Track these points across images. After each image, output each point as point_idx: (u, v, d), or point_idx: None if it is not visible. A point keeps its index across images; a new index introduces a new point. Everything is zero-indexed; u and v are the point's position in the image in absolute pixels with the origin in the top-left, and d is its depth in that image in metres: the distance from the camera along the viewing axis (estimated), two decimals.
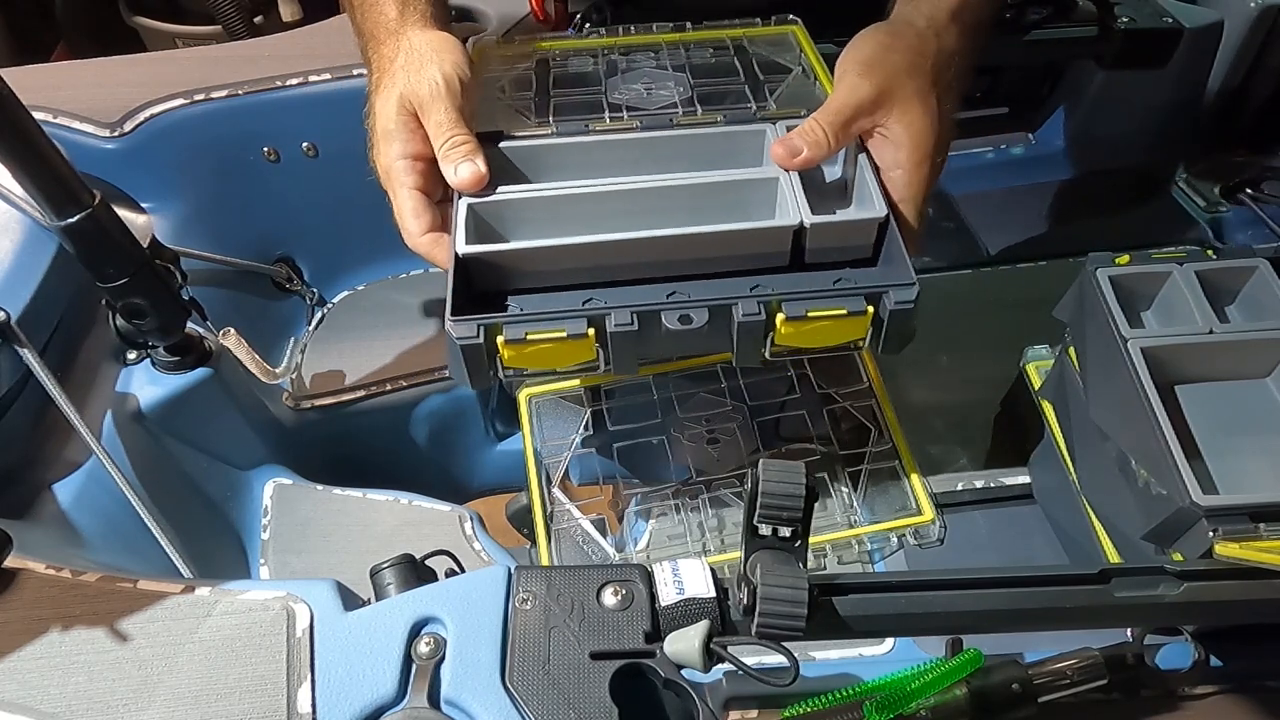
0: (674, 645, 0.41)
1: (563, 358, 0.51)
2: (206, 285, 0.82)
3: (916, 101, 0.56)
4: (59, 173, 0.57)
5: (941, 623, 0.45)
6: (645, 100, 0.65)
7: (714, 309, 0.51)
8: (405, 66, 0.57)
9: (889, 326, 0.51)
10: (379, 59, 0.60)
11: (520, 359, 0.50)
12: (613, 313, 0.50)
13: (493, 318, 0.50)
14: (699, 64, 0.70)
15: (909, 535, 0.66)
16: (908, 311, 0.51)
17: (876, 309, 0.51)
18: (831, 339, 0.52)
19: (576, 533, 0.69)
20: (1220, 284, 0.61)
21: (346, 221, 0.92)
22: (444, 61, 0.57)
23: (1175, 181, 1.02)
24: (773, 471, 0.40)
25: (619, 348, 0.51)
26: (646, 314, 0.51)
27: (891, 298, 0.51)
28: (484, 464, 0.93)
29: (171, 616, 0.45)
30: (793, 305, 0.51)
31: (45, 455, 0.65)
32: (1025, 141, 1.05)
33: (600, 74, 0.69)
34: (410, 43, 0.58)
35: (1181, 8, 0.93)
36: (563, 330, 0.50)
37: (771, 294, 0.52)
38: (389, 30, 0.60)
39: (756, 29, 0.73)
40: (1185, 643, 0.51)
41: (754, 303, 0.51)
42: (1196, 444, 0.56)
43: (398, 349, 0.88)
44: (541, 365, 0.51)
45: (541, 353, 0.50)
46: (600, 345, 0.51)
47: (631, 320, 0.50)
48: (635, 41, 0.73)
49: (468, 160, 0.55)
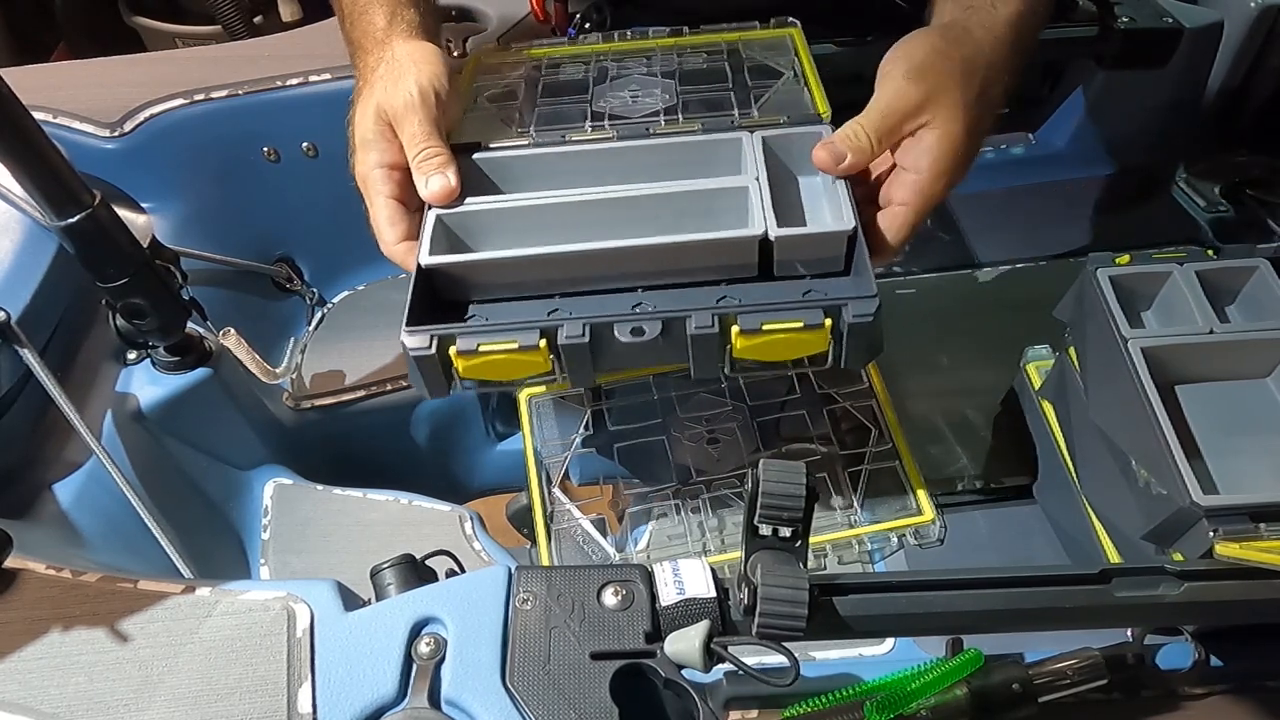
0: (674, 645, 0.41)
1: (517, 369, 0.50)
2: (206, 285, 0.82)
3: (960, 113, 0.54)
4: (59, 173, 0.57)
5: (941, 623, 0.45)
6: (630, 108, 0.65)
7: (668, 321, 0.50)
8: (384, 76, 0.57)
9: (849, 340, 0.50)
10: (364, 68, 0.60)
11: (474, 370, 0.50)
12: (564, 324, 0.50)
13: (446, 328, 0.51)
14: (690, 69, 0.69)
15: (909, 535, 0.66)
16: (868, 325, 0.49)
17: (836, 322, 0.50)
18: (791, 353, 0.51)
19: (577, 533, 0.69)
20: (1220, 284, 0.61)
21: (346, 221, 0.91)
22: (421, 73, 0.57)
23: (1175, 181, 1.02)
24: (773, 471, 0.40)
25: (572, 360, 0.51)
26: (599, 326, 0.50)
27: (850, 311, 0.49)
28: (484, 464, 0.93)
29: (172, 617, 0.45)
30: (748, 319, 0.50)
31: (45, 455, 0.65)
32: (1025, 141, 1.05)
33: (589, 81, 0.68)
34: (393, 53, 0.58)
35: (1181, 8, 0.93)
36: (514, 342, 0.49)
37: (727, 307, 0.51)
38: (375, 40, 0.60)
39: (754, 32, 0.73)
40: (1185, 643, 0.51)
41: (708, 315, 0.50)
42: (1196, 444, 0.56)
43: (398, 349, 0.87)
44: (497, 376, 0.51)
45: (495, 364, 0.50)
46: (554, 356, 0.51)
47: (583, 333, 0.50)
48: (631, 47, 0.73)
49: (439, 173, 0.55)
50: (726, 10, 0.76)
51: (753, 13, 0.75)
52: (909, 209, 0.54)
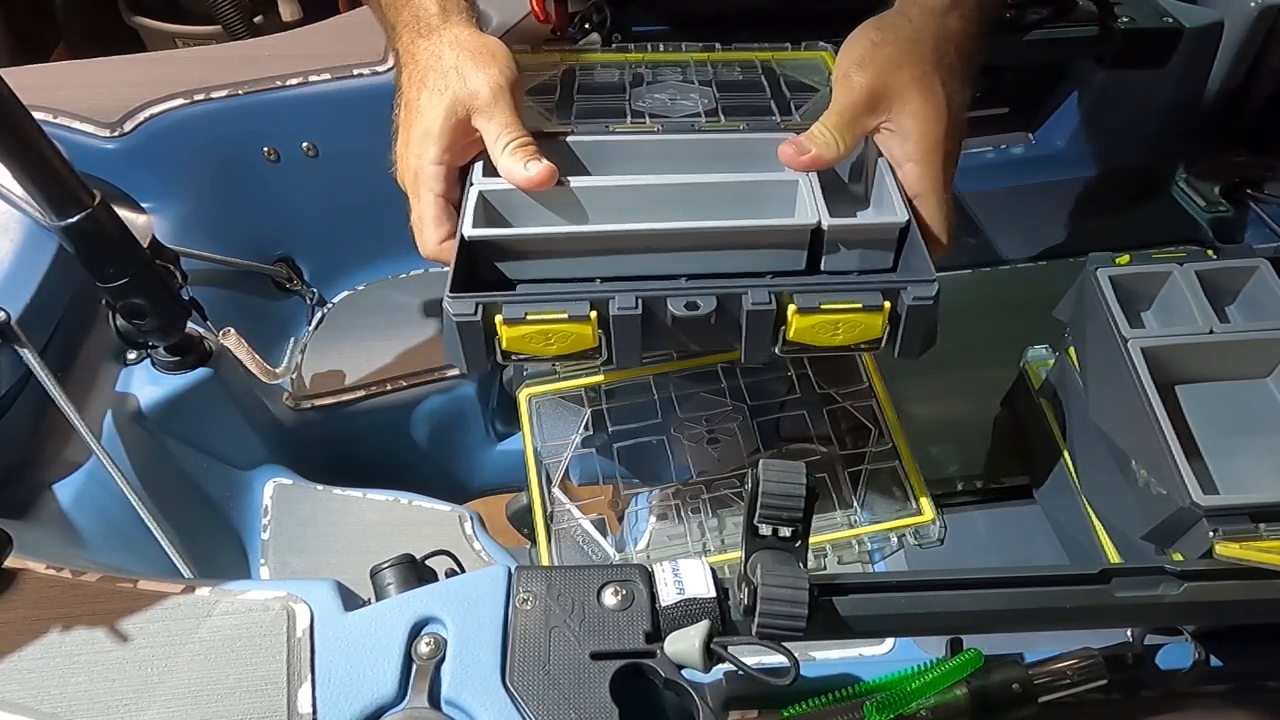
0: (674, 645, 0.41)
1: (563, 343, 0.49)
2: (206, 285, 0.82)
3: (915, 89, 0.54)
4: (59, 173, 0.57)
5: (941, 623, 0.45)
6: (669, 109, 0.65)
7: (723, 297, 0.49)
8: (458, 67, 0.55)
9: (907, 324, 0.50)
10: (419, 53, 0.57)
11: (519, 342, 0.49)
12: (616, 296, 0.49)
13: (492, 296, 0.49)
14: (725, 80, 0.69)
15: (909, 535, 0.66)
16: (927, 309, 0.49)
17: (894, 305, 0.49)
18: (846, 337, 0.50)
19: (576, 533, 0.69)
20: (1220, 284, 0.61)
21: (346, 221, 0.92)
22: (501, 65, 0.56)
23: (1175, 181, 1.02)
24: (773, 471, 0.40)
25: (621, 334, 0.49)
26: (652, 299, 0.49)
27: (910, 293, 0.49)
28: (484, 464, 0.93)
29: (172, 617, 0.45)
30: (805, 298, 0.49)
31: (45, 455, 0.65)
32: (1025, 141, 1.05)
33: (625, 83, 0.68)
34: (459, 40, 0.57)
35: (1181, 8, 0.93)
36: (564, 311, 0.48)
37: (784, 284, 0.50)
38: (430, 25, 0.58)
39: (786, 53, 0.73)
40: (1185, 643, 0.51)
41: (764, 292, 0.49)
42: (1196, 444, 0.56)
43: (398, 349, 0.88)
44: (540, 351, 0.49)
45: (540, 335, 0.48)
46: (602, 331, 0.49)
47: (635, 304, 0.49)
48: (664, 59, 0.73)
49: (536, 159, 0.55)
50: (727, 11, 0.76)
51: (754, 13, 0.75)
52: (927, 193, 0.55)
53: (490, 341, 0.50)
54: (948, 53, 0.56)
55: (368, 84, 0.83)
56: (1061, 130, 1.03)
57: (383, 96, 0.82)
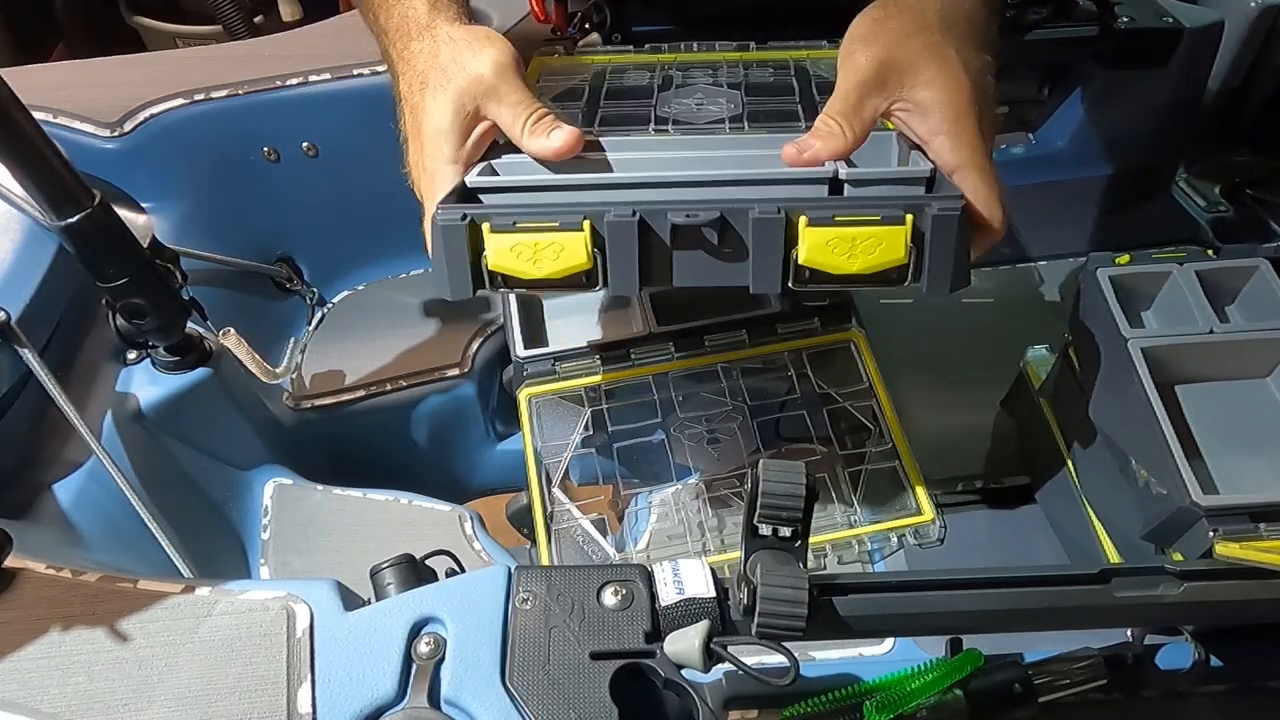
0: (674, 645, 0.41)
1: (553, 262, 0.46)
2: (206, 285, 0.82)
3: (928, 59, 0.51)
4: (59, 173, 0.57)
5: (941, 623, 0.45)
6: (694, 115, 0.63)
7: (728, 210, 0.45)
8: (455, 59, 0.54)
9: (932, 245, 0.45)
10: (411, 55, 0.56)
11: (506, 257, 0.46)
12: (612, 208, 0.45)
13: (481, 207, 0.47)
14: (756, 82, 0.67)
15: (909, 535, 0.66)
16: (952, 222, 0.45)
17: (917, 221, 0.45)
18: (865, 262, 0.45)
19: (576, 533, 0.69)
20: (1220, 284, 0.61)
21: (346, 221, 0.92)
22: (497, 45, 0.54)
23: (1175, 181, 1.02)
24: (773, 471, 0.40)
25: (616, 248, 0.46)
26: (650, 212, 0.46)
27: (934, 207, 0.45)
28: (484, 464, 0.93)
29: (171, 616, 0.45)
30: (818, 211, 0.45)
31: (45, 455, 0.65)
32: (1025, 141, 1.05)
33: (653, 88, 0.67)
34: (451, 36, 0.55)
35: (1181, 8, 0.93)
36: (555, 222, 0.45)
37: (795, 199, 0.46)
38: (420, 25, 0.56)
39: (821, 51, 0.71)
40: (1185, 643, 0.51)
41: (773, 205, 0.45)
42: (1196, 444, 0.56)
43: (398, 349, 0.88)
44: (529, 272, 0.46)
45: (529, 250, 0.45)
46: (596, 250, 0.46)
47: (632, 214, 0.45)
48: (697, 59, 0.71)
49: (558, 127, 0.53)
50: (728, 9, 0.76)
51: (755, 8, 0.75)
52: (965, 165, 0.50)
53: (477, 261, 0.47)
54: (957, 20, 0.53)
55: (368, 84, 0.83)
56: (1061, 130, 1.02)
57: (383, 96, 0.82)
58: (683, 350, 0.76)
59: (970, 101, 0.51)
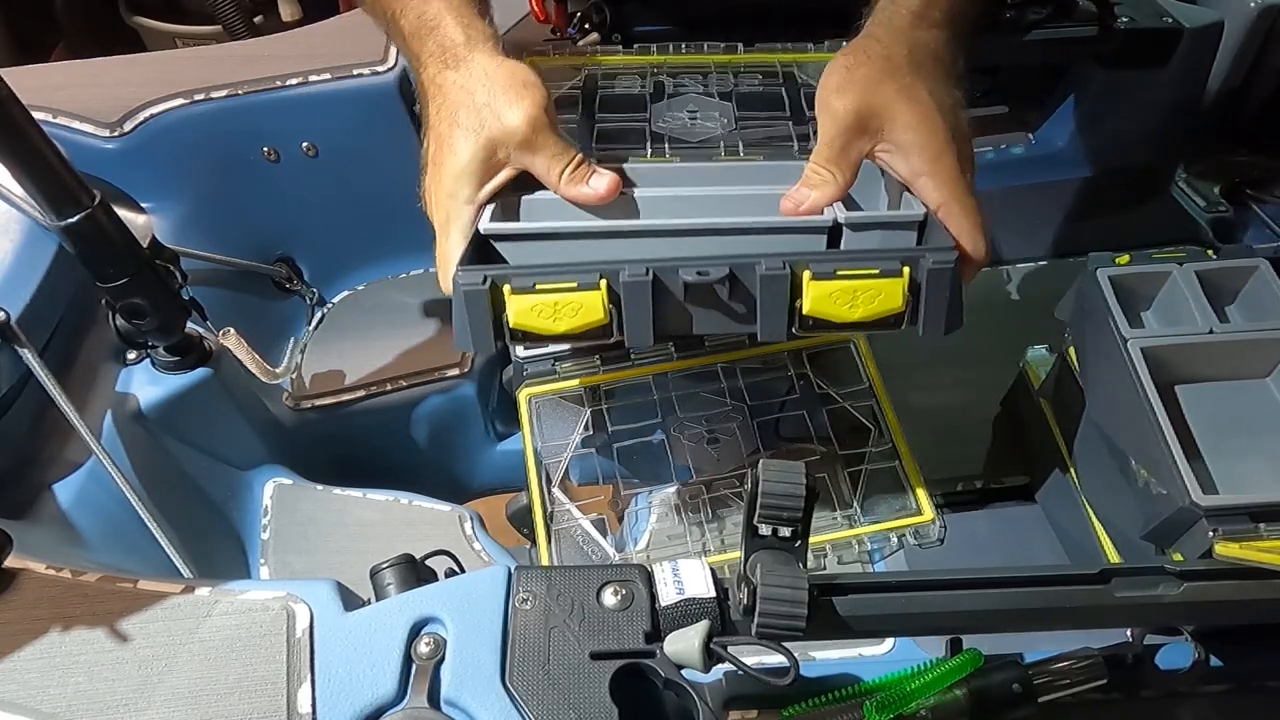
0: (674, 645, 0.41)
1: (571, 318, 0.48)
2: (206, 285, 0.82)
3: (901, 102, 0.53)
4: (59, 173, 0.57)
5: (941, 623, 0.45)
6: (689, 131, 0.65)
7: (735, 267, 0.48)
8: (490, 104, 0.54)
9: (928, 293, 0.48)
10: (448, 86, 0.56)
11: (526, 315, 0.48)
12: (626, 267, 0.48)
13: (501, 268, 0.49)
14: (746, 92, 0.69)
15: (909, 535, 0.66)
16: (947, 273, 0.48)
17: (913, 273, 0.48)
18: (866, 310, 0.48)
19: (576, 533, 0.69)
20: (1220, 284, 0.61)
21: (346, 221, 0.92)
22: (534, 95, 0.55)
23: (1175, 181, 1.02)
24: (773, 471, 0.40)
25: (631, 305, 0.48)
26: (662, 269, 0.48)
27: (929, 259, 0.48)
28: (484, 464, 0.93)
29: (171, 617, 0.45)
30: (821, 265, 0.48)
31: (45, 455, 0.65)
32: (1025, 141, 1.05)
33: (646, 99, 0.68)
34: (488, 73, 0.55)
35: (1181, 8, 0.93)
36: (573, 281, 0.47)
37: (799, 253, 0.49)
38: (457, 56, 0.56)
39: (808, 54, 0.72)
40: (1185, 643, 0.51)
41: (779, 260, 0.48)
42: (1196, 444, 0.56)
43: (398, 349, 0.88)
44: (549, 328, 0.48)
45: (549, 309, 0.48)
46: (612, 305, 0.48)
47: (646, 273, 0.48)
48: (686, 61, 0.73)
49: (598, 174, 0.55)
50: (727, 9, 0.76)
51: (754, 9, 0.75)
52: (948, 202, 0.53)
53: (498, 318, 0.49)
54: (925, 61, 0.55)
55: (368, 84, 0.83)
56: (1061, 130, 1.03)
57: (382, 96, 0.83)
58: (683, 350, 0.76)
59: (947, 141, 0.53)
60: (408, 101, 0.84)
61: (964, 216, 0.52)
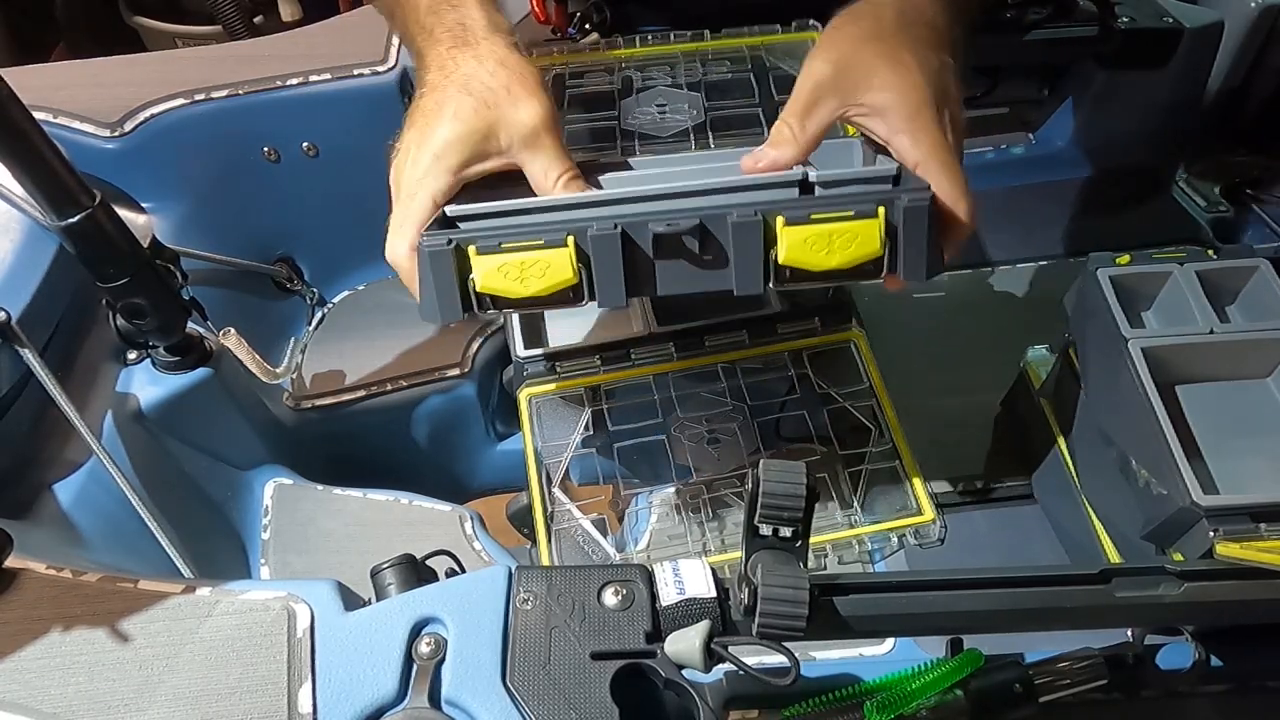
0: (675, 645, 0.41)
1: (539, 279, 0.47)
2: (206, 285, 0.82)
3: (881, 63, 0.52)
4: (59, 173, 0.57)
5: (942, 623, 0.45)
6: (659, 125, 0.65)
7: (706, 218, 0.47)
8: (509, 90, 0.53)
9: (906, 234, 0.47)
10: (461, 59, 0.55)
11: (493, 278, 0.47)
12: (594, 223, 0.47)
13: (466, 231, 0.48)
14: (715, 80, 0.68)
15: (909, 535, 0.66)
16: (923, 211, 0.46)
17: (889, 214, 0.46)
18: (844, 255, 0.47)
19: (577, 533, 0.69)
20: (1220, 284, 0.61)
21: (346, 221, 0.91)
22: (543, 99, 0.54)
23: (1175, 181, 1.02)
24: (773, 472, 0.40)
25: (601, 261, 0.47)
26: (631, 224, 0.47)
27: (904, 199, 0.46)
28: (484, 464, 0.93)
29: (172, 617, 0.45)
30: (793, 211, 0.46)
31: (45, 455, 0.65)
32: (1025, 141, 1.05)
33: (614, 95, 0.68)
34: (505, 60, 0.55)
35: (1181, 8, 0.93)
36: (539, 239, 0.46)
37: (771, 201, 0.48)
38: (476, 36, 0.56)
39: (775, 36, 0.72)
40: (1185, 643, 0.51)
41: (750, 208, 0.47)
42: (1197, 444, 0.56)
43: (398, 349, 0.88)
44: (516, 291, 0.47)
45: (516, 269, 0.46)
46: (581, 265, 0.47)
47: (614, 227, 0.46)
48: (652, 53, 0.72)
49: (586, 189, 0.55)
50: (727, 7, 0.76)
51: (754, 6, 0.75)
52: (925, 159, 0.51)
53: (464, 284, 0.48)
54: (915, 25, 0.54)
55: (368, 84, 0.83)
56: (1061, 130, 1.03)
57: (383, 96, 0.83)
58: (683, 350, 0.76)
59: (924, 101, 0.52)
60: (408, 101, 0.84)
61: (943, 173, 0.50)
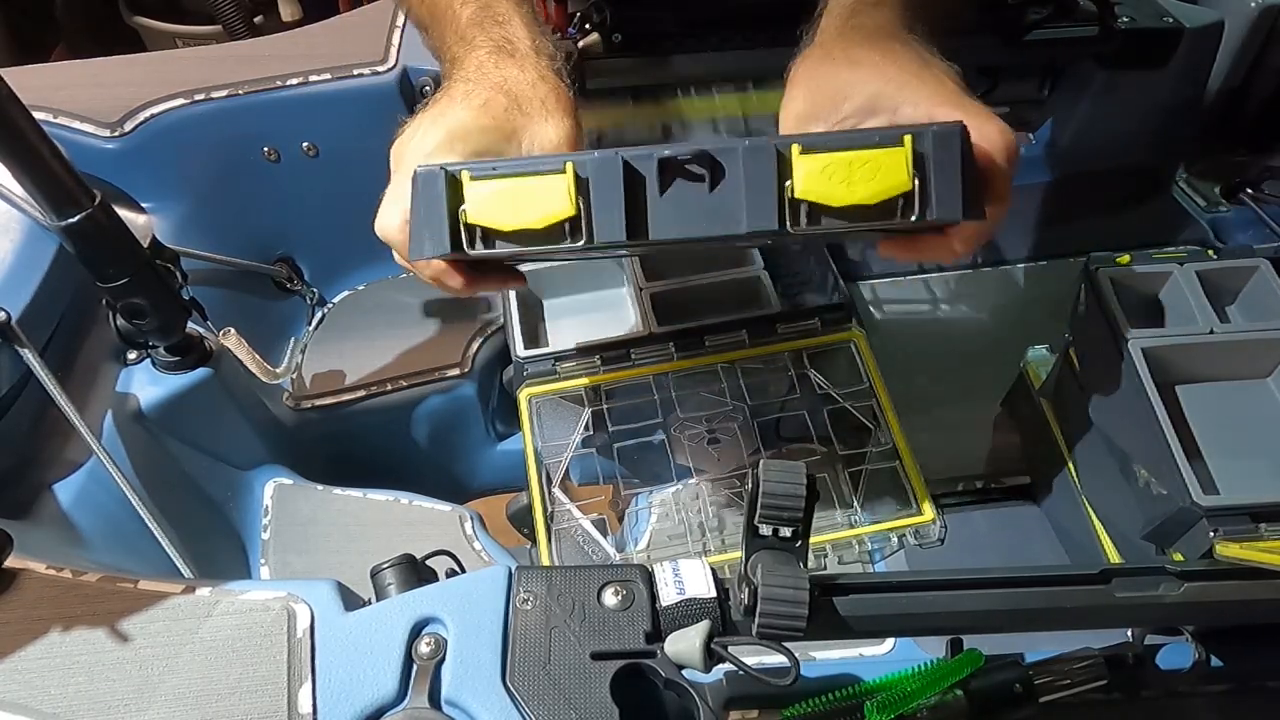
0: (675, 645, 0.41)
1: (534, 210, 0.44)
2: (206, 285, 0.82)
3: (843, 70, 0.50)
4: (59, 173, 0.57)
5: (942, 623, 0.45)
6: None
7: (716, 150, 0.43)
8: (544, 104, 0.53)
9: (937, 168, 0.43)
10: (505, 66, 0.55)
11: (486, 205, 0.44)
12: (596, 153, 0.44)
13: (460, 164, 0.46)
14: None
15: (909, 535, 0.66)
16: (956, 137, 0.42)
17: (916, 144, 0.42)
18: (867, 187, 0.42)
19: (577, 533, 0.69)
20: (1220, 284, 0.61)
21: (346, 221, 0.91)
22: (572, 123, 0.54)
23: (1175, 181, 1.02)
24: (773, 472, 0.40)
25: (600, 190, 0.44)
26: (635, 157, 0.44)
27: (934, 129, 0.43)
28: (484, 464, 0.93)
29: (172, 617, 0.45)
30: (811, 140, 0.43)
31: (45, 455, 0.65)
32: (1025, 141, 1.05)
33: None
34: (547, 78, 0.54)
35: (1181, 8, 0.93)
36: (536, 169, 0.44)
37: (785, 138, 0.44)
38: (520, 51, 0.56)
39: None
40: (1185, 643, 0.51)
41: (763, 138, 0.44)
42: (1197, 444, 0.56)
43: (398, 349, 0.88)
44: (510, 221, 0.45)
45: (510, 198, 0.44)
46: (581, 198, 0.44)
47: (616, 157, 0.44)
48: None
49: None
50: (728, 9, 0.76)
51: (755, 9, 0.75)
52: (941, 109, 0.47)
53: (455, 215, 0.45)
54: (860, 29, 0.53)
55: (368, 84, 0.83)
56: (1061, 130, 1.02)
57: (383, 96, 0.83)
58: (683, 350, 0.76)
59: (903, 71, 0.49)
60: (408, 101, 0.84)
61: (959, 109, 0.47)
